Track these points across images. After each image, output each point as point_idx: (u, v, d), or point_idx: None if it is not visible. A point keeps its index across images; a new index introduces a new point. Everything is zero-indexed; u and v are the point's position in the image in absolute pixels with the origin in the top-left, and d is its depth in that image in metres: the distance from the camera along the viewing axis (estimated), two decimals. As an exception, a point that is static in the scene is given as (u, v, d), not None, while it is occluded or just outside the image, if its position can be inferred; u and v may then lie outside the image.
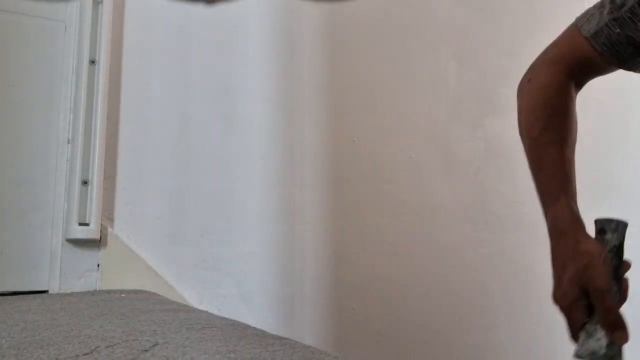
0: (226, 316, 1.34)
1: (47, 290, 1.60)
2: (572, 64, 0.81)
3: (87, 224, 1.63)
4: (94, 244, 1.65)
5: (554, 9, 2.61)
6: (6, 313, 1.21)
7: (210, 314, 1.33)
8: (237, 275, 1.86)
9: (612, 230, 0.70)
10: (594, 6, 0.80)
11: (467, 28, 2.45)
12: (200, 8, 1.87)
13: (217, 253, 1.84)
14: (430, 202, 2.26)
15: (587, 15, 0.81)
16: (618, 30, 0.75)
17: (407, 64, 2.29)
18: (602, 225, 0.72)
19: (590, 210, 0.79)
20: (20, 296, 1.53)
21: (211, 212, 1.86)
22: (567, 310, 0.69)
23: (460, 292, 2.27)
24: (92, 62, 1.69)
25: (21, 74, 1.64)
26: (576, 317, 0.68)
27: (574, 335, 0.69)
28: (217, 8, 1.75)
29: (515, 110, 0.85)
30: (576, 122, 0.80)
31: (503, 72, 2.50)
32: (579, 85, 0.83)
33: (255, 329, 1.10)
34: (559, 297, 0.70)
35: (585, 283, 0.67)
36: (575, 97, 0.82)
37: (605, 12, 0.77)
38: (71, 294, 1.57)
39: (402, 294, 2.15)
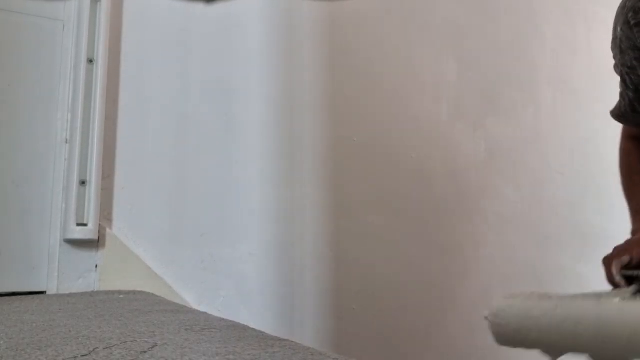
0: (225, 317, 1.33)
1: (45, 291, 1.59)
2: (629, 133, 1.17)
3: (85, 225, 1.62)
4: (92, 244, 1.64)
5: (553, 9, 2.61)
6: (4, 314, 1.21)
7: (210, 315, 1.32)
8: (237, 276, 1.85)
9: None
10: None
11: (468, 28, 2.45)
12: (200, 7, 1.86)
13: (216, 254, 1.83)
14: (430, 202, 2.25)
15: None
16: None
17: (408, 64, 2.29)
18: None
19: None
20: (19, 297, 1.52)
21: (210, 213, 1.85)
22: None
23: (460, 292, 2.26)
24: (90, 61, 1.68)
25: (19, 73, 1.63)
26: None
27: None
28: (217, 7, 1.74)
29: (516, 109, 0.94)
30: None
31: (503, 72, 2.50)
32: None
33: (254, 330, 1.09)
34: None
35: None
36: None
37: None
38: (69, 295, 1.56)
39: (402, 294, 2.14)
